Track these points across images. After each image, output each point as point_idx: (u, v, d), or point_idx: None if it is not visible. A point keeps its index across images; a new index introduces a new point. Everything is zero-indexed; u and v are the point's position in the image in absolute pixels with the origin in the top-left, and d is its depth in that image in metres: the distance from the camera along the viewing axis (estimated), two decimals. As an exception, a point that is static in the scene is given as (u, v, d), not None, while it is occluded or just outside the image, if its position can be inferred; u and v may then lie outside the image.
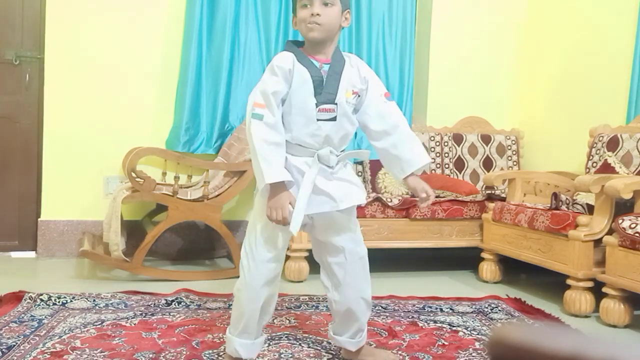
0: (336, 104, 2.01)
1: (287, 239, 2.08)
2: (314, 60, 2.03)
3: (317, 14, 1.97)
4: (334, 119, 2.02)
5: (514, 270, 3.85)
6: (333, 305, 2.18)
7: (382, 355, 2.28)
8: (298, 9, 2.02)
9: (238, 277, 2.11)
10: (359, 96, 2.09)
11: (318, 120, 2.00)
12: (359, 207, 3.56)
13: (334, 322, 2.23)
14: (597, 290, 2.93)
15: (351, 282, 2.11)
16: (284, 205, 1.93)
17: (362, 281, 2.14)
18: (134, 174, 3.48)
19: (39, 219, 4.01)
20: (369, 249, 2.17)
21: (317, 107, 2.00)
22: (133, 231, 3.90)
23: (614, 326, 2.85)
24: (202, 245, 4.23)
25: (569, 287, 3.06)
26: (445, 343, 2.47)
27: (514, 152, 4.62)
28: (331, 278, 2.15)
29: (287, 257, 3.55)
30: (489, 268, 3.75)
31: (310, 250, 2.36)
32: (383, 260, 4.20)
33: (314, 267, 3.58)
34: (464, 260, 4.08)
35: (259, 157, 1.92)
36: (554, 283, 3.41)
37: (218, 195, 3.60)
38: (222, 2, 4.08)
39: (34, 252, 4.07)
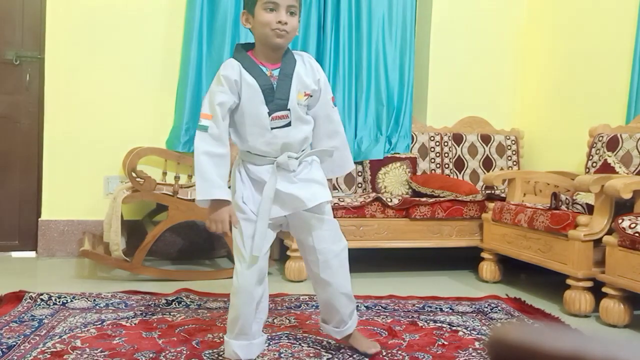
0: (289, 109, 2.03)
1: (272, 237, 2.13)
2: (263, 66, 2.03)
3: (286, 22, 1.97)
4: (288, 124, 2.04)
5: (513, 270, 3.85)
6: (317, 297, 2.28)
7: (366, 343, 2.32)
8: (260, 10, 1.98)
9: None
10: (311, 96, 2.11)
11: (272, 128, 2.02)
12: (359, 208, 3.61)
13: (320, 311, 2.34)
14: (597, 290, 2.93)
15: (327, 280, 2.17)
16: (224, 219, 1.99)
17: (340, 278, 2.19)
18: (134, 174, 3.48)
19: (39, 219, 4.02)
20: (369, 249, 2.21)
21: (269, 115, 2.00)
22: (133, 231, 3.91)
23: (614, 326, 2.85)
24: (202, 245, 4.23)
25: (568, 287, 3.06)
26: (445, 343, 2.47)
27: (514, 152, 4.63)
28: (310, 274, 2.24)
29: (287, 257, 3.56)
30: (488, 268, 3.75)
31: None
32: (383, 260, 4.21)
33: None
34: (464, 260, 4.08)
35: (196, 172, 1.98)
36: (553, 283, 3.41)
37: (218, 195, 3.59)
38: (222, 2, 4.08)
39: (35, 252, 4.07)
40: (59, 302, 2.82)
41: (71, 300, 2.85)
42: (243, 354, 2.10)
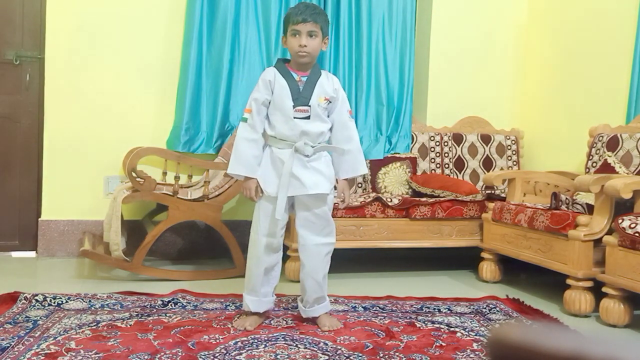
0: (309, 105, 2.58)
1: (283, 220, 2.61)
2: (294, 73, 2.61)
3: (305, 45, 2.55)
4: (308, 117, 2.58)
5: (513, 270, 3.84)
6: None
7: (329, 321, 2.66)
8: (289, 35, 2.58)
9: (238, 276, 3.05)
10: (330, 102, 2.64)
11: (294, 118, 2.56)
12: (359, 208, 3.61)
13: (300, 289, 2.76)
14: (597, 290, 2.92)
15: (304, 261, 2.66)
16: (251, 188, 2.58)
17: (313, 263, 2.64)
18: (134, 174, 3.48)
19: (39, 219, 4.02)
20: (368, 249, 2.36)
21: (293, 107, 2.56)
22: (133, 231, 3.91)
23: (614, 326, 2.84)
24: (202, 245, 4.23)
25: (568, 286, 3.05)
26: (443, 344, 2.46)
27: (514, 152, 4.61)
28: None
29: (287, 257, 3.55)
30: (488, 268, 3.74)
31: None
32: (383, 260, 4.21)
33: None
34: (464, 260, 4.07)
35: (234, 151, 2.58)
36: (553, 283, 3.41)
37: (218, 195, 3.60)
38: (222, 2, 4.08)
39: (35, 252, 4.07)
40: (54, 303, 2.81)
41: (66, 301, 2.84)
42: (252, 307, 2.63)
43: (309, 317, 2.69)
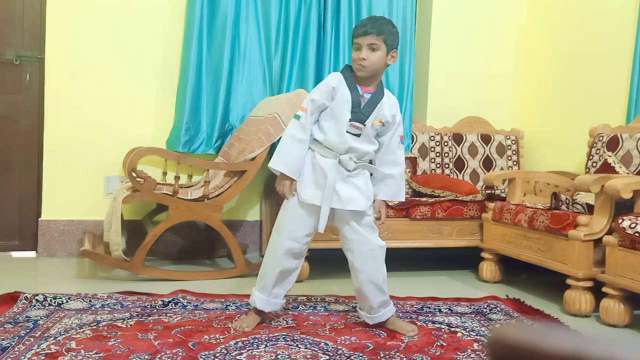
0: (364, 125, 2.50)
1: (312, 227, 2.56)
2: (359, 86, 2.52)
3: (363, 59, 2.47)
4: (358, 135, 2.51)
5: (513, 270, 3.84)
6: (352, 284, 2.66)
7: (400, 324, 2.65)
8: (353, 48, 2.54)
9: (238, 276, 3.15)
10: (383, 126, 2.56)
11: (347, 132, 2.49)
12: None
13: (355, 297, 2.72)
14: (597, 290, 2.92)
15: (359, 267, 2.57)
16: (285, 186, 2.51)
17: (370, 268, 2.57)
18: (134, 174, 3.48)
19: (39, 219, 4.02)
20: None
21: (349, 121, 2.48)
22: (133, 231, 3.91)
23: (614, 326, 2.85)
24: (202, 245, 4.23)
25: (568, 286, 3.05)
26: (444, 344, 2.46)
27: (514, 152, 4.61)
28: (349, 262, 2.62)
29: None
30: (488, 268, 3.74)
31: (310, 250, 2.80)
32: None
33: (314, 267, 3.60)
34: (464, 260, 4.08)
35: (280, 146, 2.50)
36: (553, 283, 3.41)
37: (218, 195, 3.60)
38: (222, 2, 4.08)
39: (35, 251, 4.07)
40: (54, 303, 2.81)
41: (66, 301, 2.84)
42: (260, 305, 2.59)
43: (376, 323, 2.64)
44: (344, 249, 2.62)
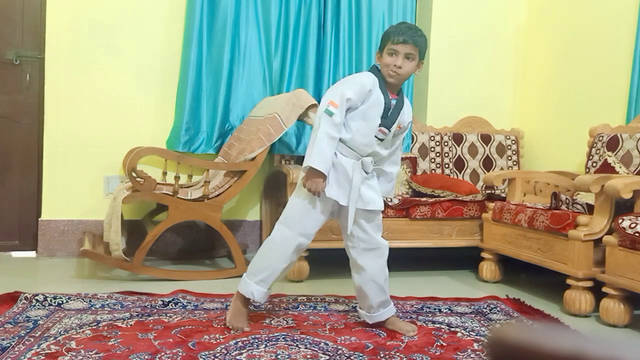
0: (390, 131, 2.53)
1: (322, 223, 2.58)
2: (387, 92, 2.52)
3: (399, 67, 2.47)
4: (382, 140, 2.53)
5: (513, 270, 3.84)
6: (353, 283, 2.66)
7: (400, 324, 2.65)
8: (385, 52, 2.50)
9: (238, 276, 2.75)
10: (400, 130, 2.61)
11: (374, 136, 2.50)
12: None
13: (356, 296, 2.72)
14: (597, 290, 2.92)
15: (364, 265, 2.58)
16: (319, 183, 2.44)
17: (376, 267, 2.58)
18: (134, 174, 3.48)
19: (39, 219, 4.02)
20: None
21: (379, 126, 2.49)
22: (133, 231, 3.91)
23: (614, 326, 2.85)
24: (202, 245, 4.23)
25: (568, 286, 3.06)
26: (444, 344, 2.46)
27: (514, 152, 4.62)
28: (350, 259, 2.63)
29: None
30: (488, 268, 3.74)
31: (310, 250, 2.77)
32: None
33: (314, 267, 3.60)
34: (464, 260, 4.08)
35: (317, 145, 2.40)
36: (553, 283, 3.41)
37: (218, 195, 3.60)
38: (222, 2, 4.08)
39: (35, 251, 4.07)
40: (55, 302, 2.81)
41: (67, 301, 2.84)
42: (258, 297, 2.58)
43: (375, 322, 2.65)
44: (348, 246, 2.61)
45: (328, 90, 2.53)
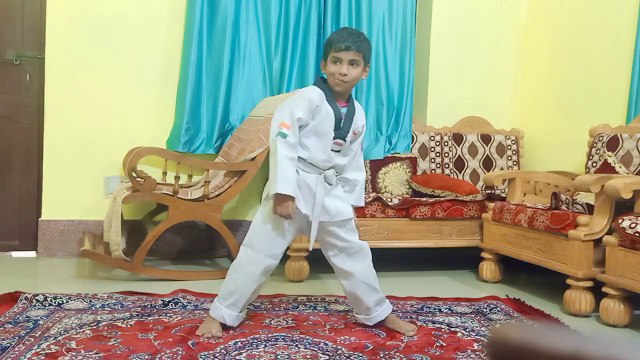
0: (345, 140, 2.52)
1: (289, 240, 2.55)
2: (337, 102, 2.50)
3: (345, 74, 2.44)
4: (339, 151, 2.54)
5: (513, 270, 3.84)
6: (344, 291, 2.66)
7: (399, 323, 2.65)
8: (329, 61, 2.47)
9: None
10: (355, 135, 2.59)
11: (331, 150, 2.49)
12: (359, 208, 3.59)
13: (350, 303, 2.74)
14: (597, 290, 2.92)
15: (351, 270, 2.57)
16: (289, 205, 2.40)
17: (362, 268, 2.59)
18: (134, 174, 3.48)
19: (39, 219, 4.02)
20: None
21: (333, 139, 2.48)
22: (133, 231, 3.91)
23: (614, 326, 2.85)
24: (202, 245, 4.23)
25: (568, 286, 3.06)
26: (444, 344, 2.46)
27: (514, 152, 4.61)
28: (335, 268, 2.62)
29: (288, 257, 3.55)
30: (488, 268, 3.74)
31: (310, 250, 2.76)
32: (383, 260, 4.19)
33: (314, 266, 3.60)
34: (464, 260, 4.08)
35: (278, 169, 2.36)
36: (553, 283, 3.41)
37: (218, 195, 3.60)
38: (222, 2, 4.08)
39: (35, 251, 4.07)
40: (55, 302, 2.81)
41: (67, 301, 2.84)
42: (230, 321, 2.51)
43: (375, 322, 2.64)
44: (330, 256, 2.60)
45: (276, 110, 2.49)
